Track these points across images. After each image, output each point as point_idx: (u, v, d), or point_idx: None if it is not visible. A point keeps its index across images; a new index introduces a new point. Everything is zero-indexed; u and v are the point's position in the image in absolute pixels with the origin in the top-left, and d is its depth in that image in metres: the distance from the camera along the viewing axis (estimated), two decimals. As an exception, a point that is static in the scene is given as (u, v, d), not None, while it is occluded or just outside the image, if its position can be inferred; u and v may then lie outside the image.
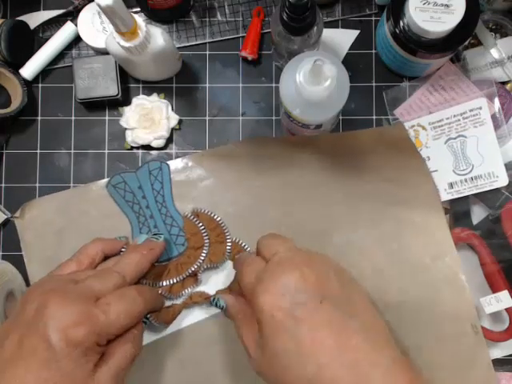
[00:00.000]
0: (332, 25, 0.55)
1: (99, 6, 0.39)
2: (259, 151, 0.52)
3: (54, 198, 0.53)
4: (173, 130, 0.54)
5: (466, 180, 0.52)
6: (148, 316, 0.45)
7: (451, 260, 0.50)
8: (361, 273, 0.50)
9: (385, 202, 0.51)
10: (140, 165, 0.54)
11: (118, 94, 0.52)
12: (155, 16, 0.55)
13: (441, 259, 0.50)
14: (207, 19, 0.55)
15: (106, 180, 0.53)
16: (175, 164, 0.53)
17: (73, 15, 0.54)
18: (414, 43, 0.48)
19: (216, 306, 0.44)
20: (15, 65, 0.53)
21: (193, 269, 0.49)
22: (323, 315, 0.34)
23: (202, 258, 0.49)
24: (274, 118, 0.55)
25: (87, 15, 0.53)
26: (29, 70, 0.54)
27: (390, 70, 0.55)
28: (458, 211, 0.52)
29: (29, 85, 0.54)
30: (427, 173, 0.52)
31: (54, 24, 0.55)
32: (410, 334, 0.49)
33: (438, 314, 0.50)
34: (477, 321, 0.49)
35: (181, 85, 0.55)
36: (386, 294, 0.50)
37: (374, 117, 0.54)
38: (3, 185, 0.54)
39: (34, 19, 0.55)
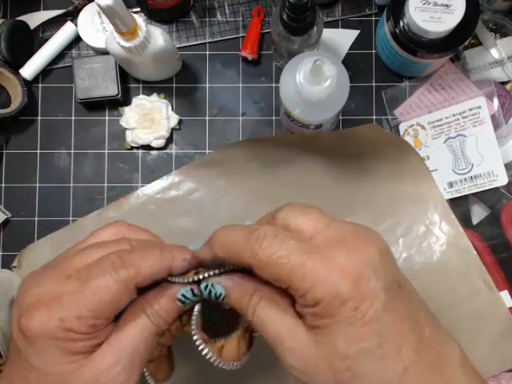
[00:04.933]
0: (332, 25, 0.55)
1: (99, 5, 0.39)
2: (251, 152, 0.52)
3: (47, 242, 0.52)
4: (173, 129, 0.54)
5: (465, 179, 0.52)
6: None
7: (449, 223, 0.51)
8: None
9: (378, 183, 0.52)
10: (140, 164, 0.54)
11: (118, 94, 0.52)
12: (155, 16, 0.55)
13: (437, 224, 0.51)
14: (207, 19, 0.55)
15: (95, 212, 0.53)
16: (161, 184, 0.53)
17: (73, 15, 0.54)
18: (414, 43, 0.48)
19: (210, 295, 0.30)
20: (15, 65, 0.53)
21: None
22: (404, 304, 0.28)
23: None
24: (274, 117, 0.55)
25: (87, 15, 0.53)
26: (29, 70, 0.54)
27: (389, 69, 0.55)
28: (457, 211, 0.52)
29: (29, 85, 0.54)
30: (427, 172, 0.52)
31: (54, 24, 0.55)
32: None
33: (448, 277, 0.50)
34: (488, 276, 0.49)
35: (181, 85, 0.55)
36: None
37: (374, 117, 0.54)
38: (3, 185, 0.54)
39: (34, 19, 0.55)
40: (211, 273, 0.30)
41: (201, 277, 0.30)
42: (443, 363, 0.28)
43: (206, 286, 0.30)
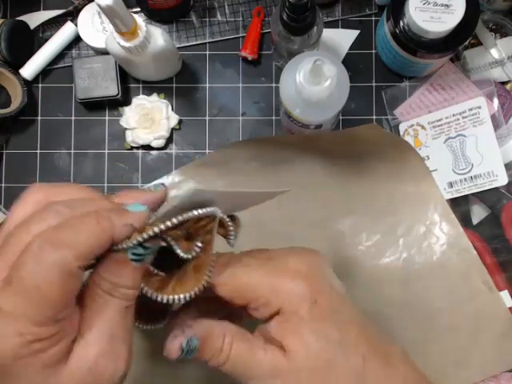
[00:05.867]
0: (332, 25, 0.55)
1: (99, 5, 0.39)
2: (251, 152, 0.52)
3: None
4: (173, 129, 0.54)
5: (465, 179, 0.52)
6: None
7: (449, 223, 0.51)
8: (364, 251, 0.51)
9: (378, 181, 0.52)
10: (140, 164, 0.54)
11: (118, 94, 0.52)
12: (155, 16, 0.55)
13: (437, 224, 0.51)
14: (207, 19, 0.55)
15: None
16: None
17: (73, 15, 0.54)
18: (414, 43, 0.48)
19: (189, 348, 0.30)
20: (15, 65, 0.53)
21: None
22: (348, 303, 0.32)
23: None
24: (274, 118, 0.55)
25: (87, 15, 0.53)
26: (29, 70, 0.54)
27: (390, 69, 0.55)
28: (457, 211, 0.52)
29: (29, 85, 0.54)
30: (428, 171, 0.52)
31: (54, 24, 0.55)
32: (423, 302, 0.49)
33: (449, 277, 0.50)
34: (488, 276, 0.49)
35: (181, 85, 0.55)
36: (391, 265, 0.50)
37: (374, 117, 0.54)
38: (3, 185, 0.54)
39: (34, 19, 0.55)
40: (154, 230, 0.27)
41: (145, 236, 0.26)
42: (392, 357, 0.31)
43: (188, 341, 0.30)
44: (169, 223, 0.27)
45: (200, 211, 0.28)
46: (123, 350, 0.27)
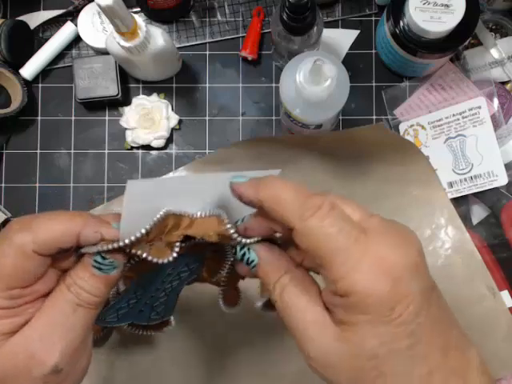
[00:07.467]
0: (332, 25, 0.55)
1: (99, 6, 0.39)
2: (252, 152, 0.52)
3: None
4: (173, 129, 0.54)
5: (465, 179, 0.52)
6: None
7: (455, 228, 0.51)
8: None
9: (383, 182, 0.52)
10: (140, 165, 0.54)
11: (118, 94, 0.52)
12: (155, 16, 0.55)
13: (443, 229, 0.51)
14: (207, 19, 0.55)
15: (101, 207, 0.53)
16: None
17: (73, 15, 0.54)
18: (414, 43, 0.48)
19: (243, 259, 0.29)
20: (15, 65, 0.53)
21: None
22: (436, 307, 0.28)
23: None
24: (273, 118, 0.55)
25: (87, 15, 0.53)
26: (29, 70, 0.54)
27: (389, 69, 0.55)
28: (457, 211, 0.52)
29: (29, 85, 0.54)
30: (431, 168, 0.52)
31: (54, 24, 0.55)
32: None
33: (452, 281, 0.50)
34: (492, 281, 0.49)
35: (181, 85, 0.55)
36: None
37: (374, 117, 0.54)
38: (3, 185, 0.54)
39: (34, 19, 0.55)
40: (113, 245, 0.27)
41: (105, 248, 0.27)
42: (466, 368, 0.28)
43: (243, 247, 0.29)
44: (127, 240, 0.27)
45: (155, 218, 0.28)
46: (63, 342, 0.27)
